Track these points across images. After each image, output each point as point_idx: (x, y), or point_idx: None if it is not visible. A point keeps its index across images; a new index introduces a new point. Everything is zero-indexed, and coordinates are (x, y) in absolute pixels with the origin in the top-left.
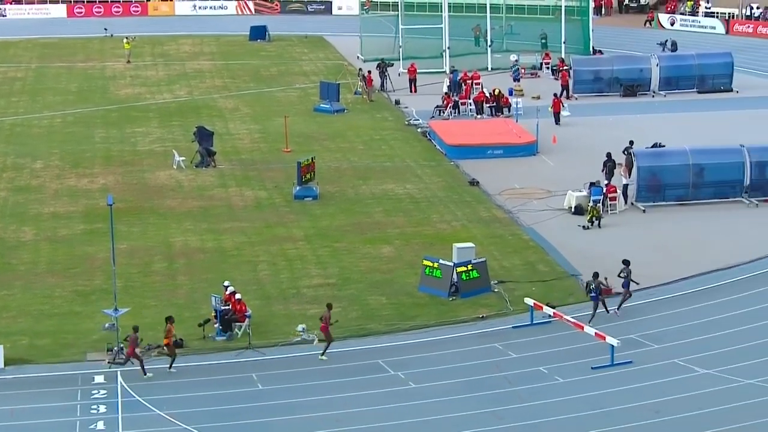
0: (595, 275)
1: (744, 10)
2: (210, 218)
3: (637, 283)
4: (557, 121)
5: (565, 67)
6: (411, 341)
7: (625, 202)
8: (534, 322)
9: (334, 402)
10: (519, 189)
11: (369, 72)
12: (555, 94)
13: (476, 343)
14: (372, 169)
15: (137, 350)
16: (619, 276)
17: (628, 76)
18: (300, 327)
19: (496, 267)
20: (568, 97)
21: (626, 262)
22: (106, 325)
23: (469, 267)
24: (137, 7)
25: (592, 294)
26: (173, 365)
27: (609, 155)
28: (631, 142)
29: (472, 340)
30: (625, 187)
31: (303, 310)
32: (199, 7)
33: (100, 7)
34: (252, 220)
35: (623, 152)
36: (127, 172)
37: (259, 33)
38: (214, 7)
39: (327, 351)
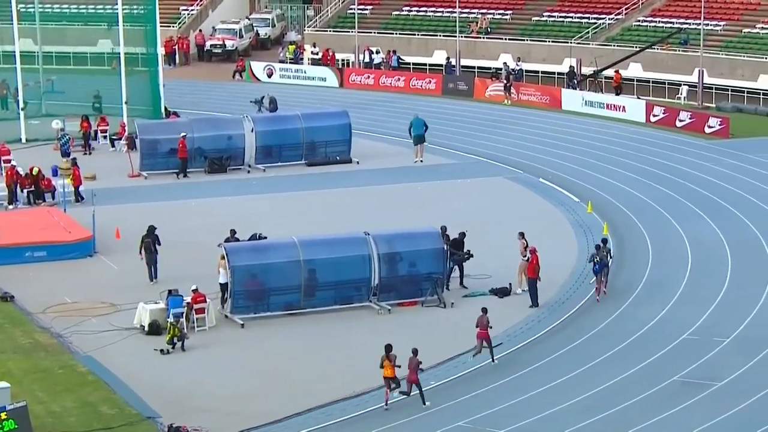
0: (597, 247)
1: (362, 57)
2: None
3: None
4: (78, 197)
5: (182, 134)
6: None
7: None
8: None
9: None
10: (71, 304)
11: None
12: (73, 160)
13: None
14: None
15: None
16: (596, 257)
17: (215, 145)
18: None
19: (42, 413)
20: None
21: (605, 240)
22: None
23: (3, 415)
24: None
25: (596, 267)
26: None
27: (151, 229)
28: (233, 231)
29: None
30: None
31: None
32: None
33: None
34: None
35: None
36: None
37: None
38: None
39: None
